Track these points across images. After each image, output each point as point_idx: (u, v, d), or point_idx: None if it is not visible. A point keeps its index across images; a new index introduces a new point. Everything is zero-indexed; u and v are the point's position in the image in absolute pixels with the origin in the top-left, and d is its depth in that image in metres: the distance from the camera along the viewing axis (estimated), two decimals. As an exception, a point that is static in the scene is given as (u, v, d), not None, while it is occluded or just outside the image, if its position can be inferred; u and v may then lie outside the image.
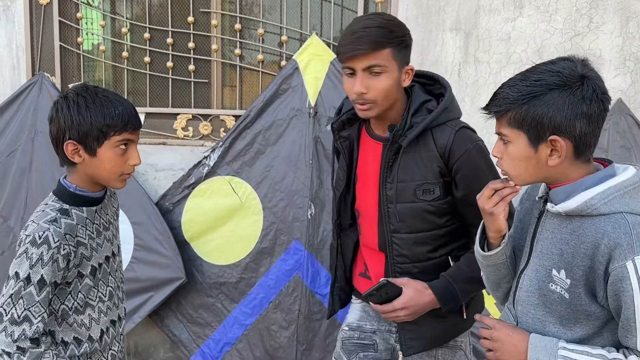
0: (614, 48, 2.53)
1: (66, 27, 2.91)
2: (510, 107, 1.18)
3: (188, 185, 2.68)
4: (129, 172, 1.51)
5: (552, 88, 1.15)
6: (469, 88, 2.62)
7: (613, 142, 2.52)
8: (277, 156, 2.62)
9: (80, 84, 1.52)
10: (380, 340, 1.82)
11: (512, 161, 1.22)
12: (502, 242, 1.34)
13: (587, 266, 1.16)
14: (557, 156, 1.17)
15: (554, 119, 1.14)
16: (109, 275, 1.58)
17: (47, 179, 2.74)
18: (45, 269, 1.38)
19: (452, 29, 2.61)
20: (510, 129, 1.19)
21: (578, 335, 1.22)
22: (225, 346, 2.65)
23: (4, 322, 1.38)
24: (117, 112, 1.43)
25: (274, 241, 2.60)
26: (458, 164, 1.57)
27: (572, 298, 1.20)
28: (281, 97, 2.62)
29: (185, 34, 2.86)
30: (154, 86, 2.92)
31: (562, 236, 1.22)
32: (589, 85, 1.15)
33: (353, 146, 1.69)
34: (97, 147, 1.44)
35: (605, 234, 1.13)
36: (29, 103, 2.78)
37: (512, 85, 1.20)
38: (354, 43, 1.49)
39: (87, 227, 1.50)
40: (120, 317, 1.66)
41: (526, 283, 1.30)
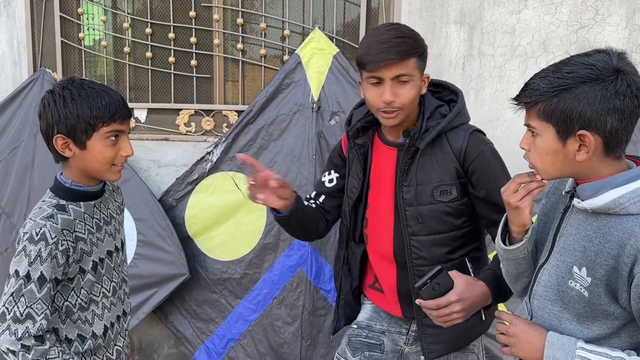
0: (620, 40, 2.50)
1: (67, 22, 2.89)
2: (540, 99, 1.15)
3: (191, 181, 2.67)
4: (121, 163, 1.50)
5: (585, 81, 1.12)
6: (473, 81, 2.60)
7: (619, 135, 2.50)
8: (280, 151, 2.60)
9: (67, 78, 1.51)
10: (388, 342, 1.80)
11: (539, 154, 1.20)
12: (524, 237, 1.32)
13: (611, 266, 1.14)
14: (585, 151, 1.14)
15: (584, 113, 1.11)
16: (112, 270, 1.57)
17: (49, 175, 2.73)
18: (45, 266, 1.37)
19: (456, 22, 2.58)
20: (539, 121, 1.17)
21: (595, 334, 1.19)
22: (230, 342, 2.65)
23: (7, 321, 1.38)
24: (104, 102, 1.42)
25: (278, 237, 2.59)
26: (474, 166, 1.61)
27: (591, 297, 1.17)
28: (284, 92, 2.60)
29: (187, 29, 2.84)
30: (156, 82, 2.90)
31: (587, 233, 1.20)
32: (624, 79, 1.12)
33: (367, 153, 1.71)
34: (87, 139, 1.43)
35: (632, 234, 1.10)
36: (31, 99, 2.77)
37: (543, 77, 1.17)
38: (383, 53, 1.52)
39: (86, 222, 1.49)
40: (125, 312, 1.66)
41: (545, 278, 1.28)
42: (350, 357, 1.82)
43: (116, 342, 1.61)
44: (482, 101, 2.60)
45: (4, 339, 1.38)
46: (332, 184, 1.82)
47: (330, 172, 1.84)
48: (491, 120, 2.60)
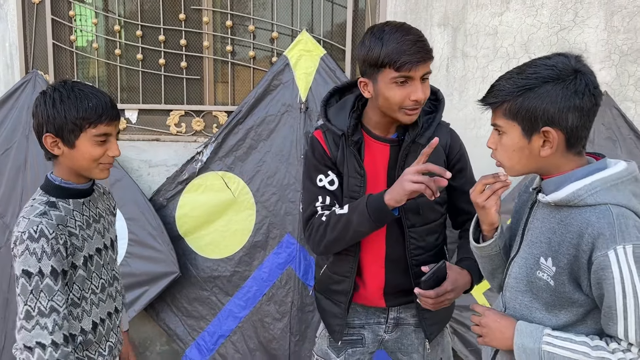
0: (599, 42, 2.57)
1: (59, 25, 2.93)
2: (505, 99, 1.23)
3: (182, 180, 2.72)
4: (109, 162, 1.56)
5: (547, 81, 1.20)
6: (457, 82, 2.66)
7: (599, 133, 2.57)
8: (269, 151, 2.65)
9: (60, 80, 1.56)
10: (368, 334, 1.86)
11: (505, 152, 1.28)
12: (495, 235, 1.40)
13: (572, 255, 1.21)
14: (549, 147, 1.22)
15: (547, 111, 1.19)
16: (101, 267, 1.62)
17: (42, 175, 2.75)
18: (53, 260, 1.42)
19: (440, 25, 2.64)
20: (505, 120, 1.25)
21: (562, 321, 1.26)
22: (220, 338, 2.70)
23: (35, 317, 1.42)
24: (91, 104, 1.48)
25: (267, 235, 2.64)
26: (457, 157, 1.77)
27: (557, 285, 1.24)
28: (272, 93, 2.65)
29: (177, 31, 2.88)
30: (146, 83, 2.95)
31: (551, 225, 1.27)
32: (582, 79, 1.20)
33: (360, 149, 1.73)
34: (74, 139, 1.49)
35: (589, 223, 1.18)
36: (23, 101, 2.80)
37: (508, 78, 1.25)
38: (421, 52, 1.56)
39: (76, 218, 1.54)
40: (117, 309, 1.70)
41: (515, 270, 1.35)
42: (335, 357, 1.87)
43: (108, 339, 1.65)
44: (465, 101, 2.66)
45: (35, 334, 1.41)
46: (333, 186, 1.75)
47: (327, 173, 1.76)
48: (475, 120, 2.66)
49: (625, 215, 1.18)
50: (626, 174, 1.23)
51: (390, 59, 1.55)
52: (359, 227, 1.61)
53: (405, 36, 1.57)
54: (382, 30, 1.60)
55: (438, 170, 1.49)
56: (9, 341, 2.74)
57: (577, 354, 1.19)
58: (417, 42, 1.56)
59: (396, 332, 1.85)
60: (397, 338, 1.86)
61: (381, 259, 1.76)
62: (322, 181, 1.75)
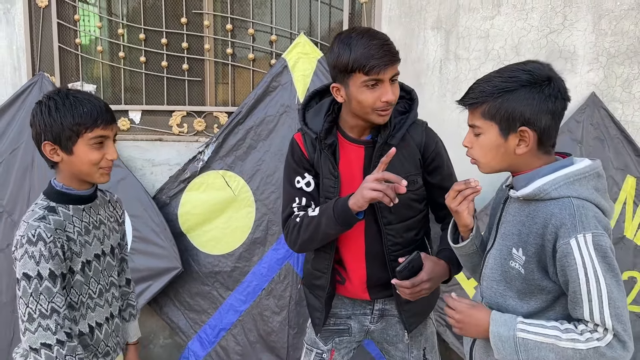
0: (587, 44, 2.65)
1: (64, 28, 3.01)
2: (486, 100, 1.32)
3: (184, 179, 2.79)
4: (108, 166, 1.59)
5: (524, 84, 1.30)
6: (449, 84, 2.74)
7: (587, 133, 2.65)
8: (268, 150, 2.74)
9: (55, 89, 1.60)
10: (355, 324, 1.95)
11: (482, 149, 1.37)
12: (470, 235, 1.50)
13: (539, 244, 1.31)
14: (524, 145, 1.32)
15: (524, 113, 1.29)
16: (99, 273, 1.65)
17: (49, 175, 2.84)
18: (51, 263, 1.46)
19: (433, 28, 2.72)
20: (484, 120, 1.34)
21: (533, 308, 1.36)
22: (221, 331, 2.78)
23: (37, 319, 1.45)
24: (85, 110, 1.52)
25: (266, 231, 2.72)
26: (432, 155, 1.80)
27: (527, 273, 1.34)
28: (271, 95, 2.73)
29: (179, 35, 2.97)
30: (149, 85, 3.03)
31: (521, 219, 1.37)
32: (555, 85, 1.30)
33: (335, 152, 1.78)
34: (72, 145, 1.53)
35: (553, 215, 1.28)
36: (30, 102, 2.88)
37: (487, 81, 1.35)
38: (387, 55, 1.61)
39: (75, 224, 1.57)
40: (113, 314, 1.72)
41: (491, 261, 1.45)
42: (323, 346, 1.97)
43: (107, 343, 1.69)
44: (458, 102, 2.74)
45: (38, 335, 1.45)
46: (310, 187, 1.82)
47: (304, 175, 1.83)
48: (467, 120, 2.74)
49: (585, 207, 1.27)
50: (589, 169, 1.33)
51: (359, 63, 1.60)
52: (327, 229, 1.69)
53: (372, 41, 1.61)
54: (350, 37, 1.64)
55: (395, 179, 1.55)
56: (17, 335, 2.83)
57: (549, 338, 1.28)
58: (384, 46, 1.61)
59: (381, 323, 1.94)
60: (382, 328, 1.95)
61: (362, 254, 1.84)
62: (300, 183, 1.82)
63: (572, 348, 1.26)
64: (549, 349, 1.28)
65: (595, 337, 1.25)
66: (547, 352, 1.28)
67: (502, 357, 1.34)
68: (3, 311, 2.86)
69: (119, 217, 1.82)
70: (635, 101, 2.69)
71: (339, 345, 1.97)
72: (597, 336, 1.25)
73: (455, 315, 1.43)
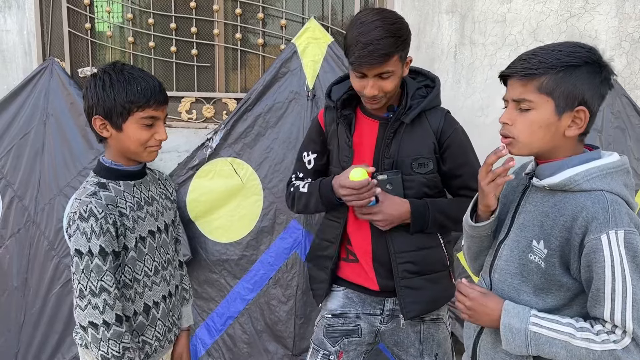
0: (609, 29, 2.53)
1: (74, 13, 3.00)
2: (547, 72, 1.23)
3: (192, 166, 2.77)
4: (156, 145, 1.58)
5: (588, 62, 1.23)
6: (464, 70, 2.65)
7: (607, 122, 2.54)
8: (276, 138, 2.69)
9: (111, 62, 1.58)
10: (365, 325, 1.89)
11: (528, 127, 1.26)
12: (491, 217, 1.42)
13: (564, 237, 1.24)
14: (576, 127, 1.25)
15: (584, 92, 1.22)
16: (154, 250, 1.64)
17: (58, 160, 2.86)
18: (102, 239, 1.46)
19: (448, 12, 2.63)
20: (539, 94, 1.24)
21: (549, 305, 1.30)
22: (229, 320, 2.77)
23: (87, 296, 1.46)
24: (140, 88, 1.50)
25: (274, 220, 2.69)
26: (448, 141, 1.78)
27: (547, 267, 1.27)
28: (280, 81, 2.68)
29: (188, 19, 2.93)
30: (158, 70, 3.01)
31: (544, 209, 1.30)
32: (608, 70, 1.25)
33: (351, 124, 1.81)
34: (122, 122, 1.52)
35: (584, 208, 1.21)
36: (41, 87, 2.88)
37: (547, 52, 1.25)
38: (367, 57, 1.60)
39: (127, 200, 1.57)
40: (171, 293, 1.71)
41: (506, 252, 1.37)
42: (330, 346, 1.91)
43: (165, 323, 1.68)
44: (473, 89, 2.65)
45: (88, 313, 1.46)
46: (310, 166, 1.94)
47: (309, 152, 1.95)
48: (482, 107, 2.66)
49: (618, 202, 1.21)
50: (620, 164, 1.27)
51: (346, 51, 1.67)
52: (315, 206, 1.87)
53: (363, 34, 1.60)
54: (353, 21, 1.68)
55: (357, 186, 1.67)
56: (28, 318, 2.86)
57: (563, 335, 1.22)
58: (369, 46, 1.59)
59: (392, 324, 1.88)
60: (392, 329, 1.88)
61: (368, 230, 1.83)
62: (305, 158, 1.96)
63: (586, 348, 1.20)
64: (561, 345, 1.22)
65: (612, 339, 1.19)
66: (559, 348, 1.22)
67: (511, 349, 1.29)
68: (14, 295, 2.89)
69: (170, 195, 1.80)
70: (660, 89, 2.57)
71: (348, 347, 1.91)
72: (614, 338, 1.19)
73: (467, 302, 1.37)
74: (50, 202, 2.84)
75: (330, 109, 1.85)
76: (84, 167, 2.81)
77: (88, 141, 2.80)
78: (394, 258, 1.78)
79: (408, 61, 1.73)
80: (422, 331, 1.88)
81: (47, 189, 2.85)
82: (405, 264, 1.78)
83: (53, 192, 2.84)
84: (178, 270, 1.84)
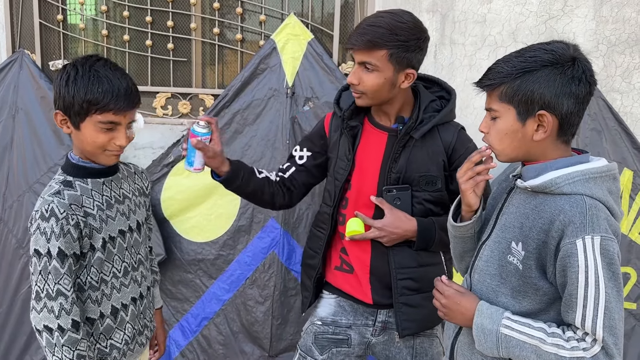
0: (587, 32, 2.56)
1: (46, 4, 2.90)
2: (503, 81, 1.24)
3: (167, 163, 2.71)
4: (115, 149, 1.49)
5: (545, 65, 1.21)
6: (444, 70, 2.64)
7: (584, 124, 2.57)
8: (254, 136, 2.65)
9: (87, 55, 1.49)
10: (355, 335, 1.84)
11: (498, 135, 1.28)
12: (473, 217, 1.41)
13: (542, 240, 1.23)
14: (543, 131, 1.23)
15: (544, 95, 1.20)
16: (125, 250, 1.57)
17: (28, 156, 2.76)
18: (61, 241, 1.39)
19: (428, 11, 2.62)
20: (501, 103, 1.26)
21: (525, 308, 1.29)
22: (204, 321, 2.72)
23: (43, 299, 1.40)
24: (101, 90, 1.41)
25: (251, 219, 2.65)
26: (460, 160, 1.69)
27: (524, 269, 1.26)
28: (259, 77, 2.64)
29: (164, 12, 2.86)
30: (133, 64, 2.93)
31: (525, 211, 1.29)
32: (580, 66, 1.21)
33: (357, 135, 1.75)
34: (79, 122, 1.44)
35: (562, 211, 1.20)
36: (10, 80, 2.78)
37: (506, 61, 1.26)
38: (354, 37, 1.60)
39: (95, 198, 1.50)
40: (142, 295, 1.65)
41: (486, 253, 1.36)
42: (318, 355, 1.85)
43: (135, 326, 1.61)
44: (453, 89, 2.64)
45: (43, 316, 1.40)
46: (301, 161, 1.86)
47: (303, 149, 1.87)
48: (461, 108, 2.65)
49: (597, 208, 1.19)
50: (606, 169, 1.25)
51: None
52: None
53: (362, 22, 1.63)
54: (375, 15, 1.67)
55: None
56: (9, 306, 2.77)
57: (533, 339, 1.21)
58: (359, 29, 1.61)
59: (383, 336, 1.84)
60: (384, 343, 1.84)
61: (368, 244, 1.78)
62: (296, 152, 1.89)
63: (555, 354, 1.19)
64: (531, 350, 1.21)
65: (581, 346, 1.18)
66: (529, 352, 1.22)
67: (483, 350, 1.29)
68: None
69: (146, 189, 1.73)
70: (635, 92, 2.60)
71: (336, 356, 1.86)
72: (583, 346, 1.18)
73: (442, 300, 1.37)
74: (19, 199, 2.75)
75: (337, 115, 1.80)
76: (54, 164, 2.72)
77: (59, 136, 2.71)
78: (394, 274, 1.74)
79: (409, 72, 1.65)
80: (415, 346, 1.84)
81: (15, 185, 2.76)
82: (405, 280, 1.74)
83: (22, 189, 2.75)
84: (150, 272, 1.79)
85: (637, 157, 2.57)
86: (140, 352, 1.69)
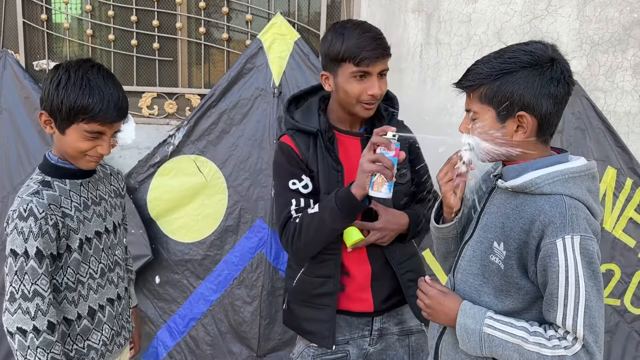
0: (571, 31, 2.58)
1: (30, 3, 2.87)
2: (482, 82, 1.24)
3: (153, 163, 2.69)
4: (96, 156, 1.49)
5: (525, 66, 1.22)
6: (430, 69, 2.66)
7: (568, 123, 2.59)
8: (241, 135, 2.64)
9: (83, 58, 1.50)
10: (353, 349, 1.83)
11: (478, 136, 1.29)
12: (455, 218, 1.42)
13: (523, 240, 1.24)
14: (522, 132, 1.24)
15: (523, 96, 1.21)
16: (101, 251, 1.57)
17: (12, 156, 2.73)
18: (39, 241, 1.38)
19: (414, 11, 2.63)
20: (480, 104, 1.26)
21: (507, 307, 1.30)
22: (191, 321, 2.71)
23: (18, 300, 1.38)
24: (91, 100, 1.41)
25: (239, 219, 2.64)
26: (415, 150, 1.87)
27: (506, 269, 1.27)
28: (246, 77, 2.63)
29: (150, 12, 2.84)
30: (118, 64, 2.91)
31: (506, 211, 1.30)
32: (558, 67, 1.22)
33: (334, 146, 1.77)
34: (65, 127, 1.45)
35: (542, 211, 1.21)
36: (-8, 80, 2.75)
37: (486, 62, 1.27)
38: (379, 49, 1.64)
39: (72, 199, 1.50)
40: (120, 296, 1.64)
41: (469, 253, 1.37)
42: None
43: (112, 326, 1.60)
44: (438, 89, 2.66)
45: (17, 318, 1.38)
46: (308, 189, 1.73)
47: (301, 177, 1.73)
48: (447, 107, 2.67)
49: (577, 207, 1.21)
50: (585, 169, 1.26)
51: (351, 53, 1.62)
52: (333, 224, 1.61)
53: (366, 33, 1.64)
54: (344, 27, 1.67)
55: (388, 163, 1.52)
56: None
57: (515, 339, 1.22)
58: (376, 39, 1.64)
59: (380, 344, 1.84)
60: (381, 350, 1.85)
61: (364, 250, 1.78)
62: (296, 185, 1.72)
63: (537, 352, 1.20)
64: (514, 349, 1.23)
65: (563, 344, 1.19)
66: (512, 352, 1.23)
67: (466, 349, 1.30)
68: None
69: (121, 190, 1.73)
70: (618, 90, 2.64)
71: None
72: (565, 344, 1.19)
73: (426, 300, 1.38)
74: (3, 201, 2.72)
75: (300, 134, 1.75)
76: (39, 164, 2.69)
77: (44, 137, 2.69)
78: (397, 270, 1.78)
79: None
80: (411, 344, 1.87)
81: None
82: (407, 273, 1.81)
83: (6, 190, 2.72)
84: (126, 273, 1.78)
85: (620, 155, 2.60)
86: (119, 353, 1.69)
